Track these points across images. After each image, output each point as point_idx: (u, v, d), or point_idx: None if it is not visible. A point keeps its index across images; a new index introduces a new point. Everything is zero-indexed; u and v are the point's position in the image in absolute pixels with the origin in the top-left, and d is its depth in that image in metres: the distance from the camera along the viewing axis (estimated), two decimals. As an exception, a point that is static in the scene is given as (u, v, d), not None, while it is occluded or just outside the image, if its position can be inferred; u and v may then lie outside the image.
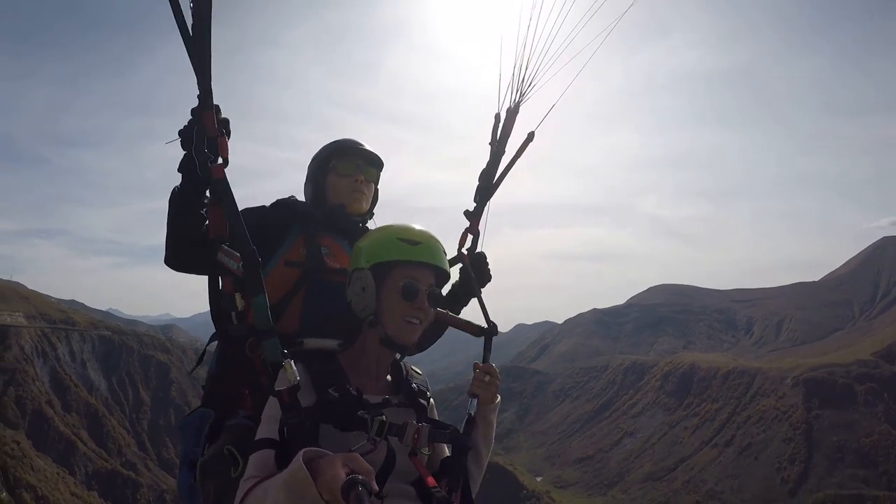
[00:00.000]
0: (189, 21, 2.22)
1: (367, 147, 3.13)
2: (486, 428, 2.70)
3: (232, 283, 2.42)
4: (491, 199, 3.26)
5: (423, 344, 2.89)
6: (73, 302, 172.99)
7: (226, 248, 2.37)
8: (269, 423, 2.14)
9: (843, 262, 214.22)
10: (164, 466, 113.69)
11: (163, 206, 2.59)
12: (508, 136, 3.20)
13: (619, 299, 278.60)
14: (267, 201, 3.00)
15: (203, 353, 3.11)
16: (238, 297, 2.40)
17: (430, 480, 2.21)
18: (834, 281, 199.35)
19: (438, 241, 2.46)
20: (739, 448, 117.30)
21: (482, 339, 2.97)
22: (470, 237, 3.25)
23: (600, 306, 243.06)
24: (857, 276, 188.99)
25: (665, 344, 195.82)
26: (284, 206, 3.01)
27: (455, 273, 3.16)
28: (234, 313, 2.43)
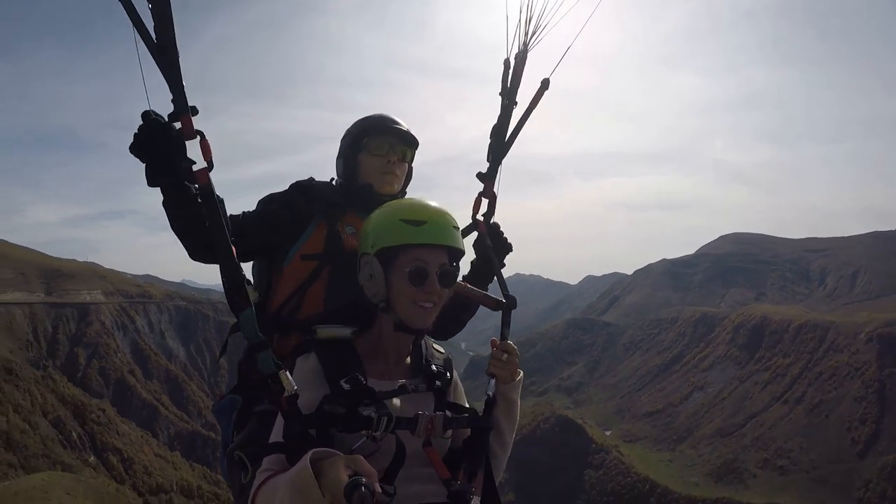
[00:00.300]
0: (151, 24, 2.06)
1: (402, 125, 3.03)
2: (508, 406, 2.58)
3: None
4: (505, 157, 2.98)
5: (450, 327, 2.94)
6: (147, 276, 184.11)
7: None
8: (277, 429, 2.13)
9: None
10: None
11: (223, 177, 2.42)
12: (518, 86, 2.90)
13: (689, 249, 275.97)
14: (326, 168, 3.09)
15: (226, 343, 3.23)
16: (251, 289, 2.33)
17: (444, 472, 2.19)
18: None
19: (446, 216, 2.30)
20: (810, 406, 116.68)
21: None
22: (485, 202, 2.99)
23: (670, 256, 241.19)
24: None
25: (736, 295, 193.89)
26: (304, 191, 2.94)
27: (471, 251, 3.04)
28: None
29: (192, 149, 2.20)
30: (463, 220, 2.63)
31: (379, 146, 2.96)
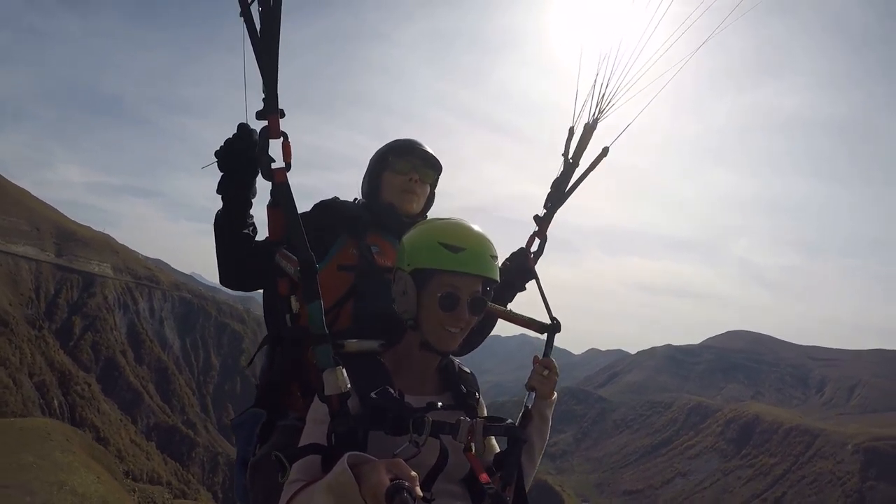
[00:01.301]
0: (258, 21, 2.18)
1: (426, 147, 3.08)
2: (542, 423, 2.63)
3: (288, 286, 2.47)
4: (560, 207, 3.28)
5: (472, 342, 2.83)
6: (158, 261, 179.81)
7: (284, 251, 2.40)
8: (315, 428, 2.12)
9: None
10: (223, 431, 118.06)
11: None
12: (584, 150, 3.20)
13: (695, 338, 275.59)
14: (355, 191, 3.14)
15: (256, 353, 3.13)
16: (293, 299, 2.46)
17: (484, 476, 2.15)
18: None
19: (485, 245, 2.26)
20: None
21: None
22: (537, 241, 3.28)
23: (675, 342, 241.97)
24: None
25: (734, 390, 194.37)
26: (329, 208, 2.96)
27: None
28: (288, 315, 2.50)
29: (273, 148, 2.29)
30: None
31: (402, 165, 3.02)
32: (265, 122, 2.27)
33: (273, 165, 2.28)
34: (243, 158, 2.45)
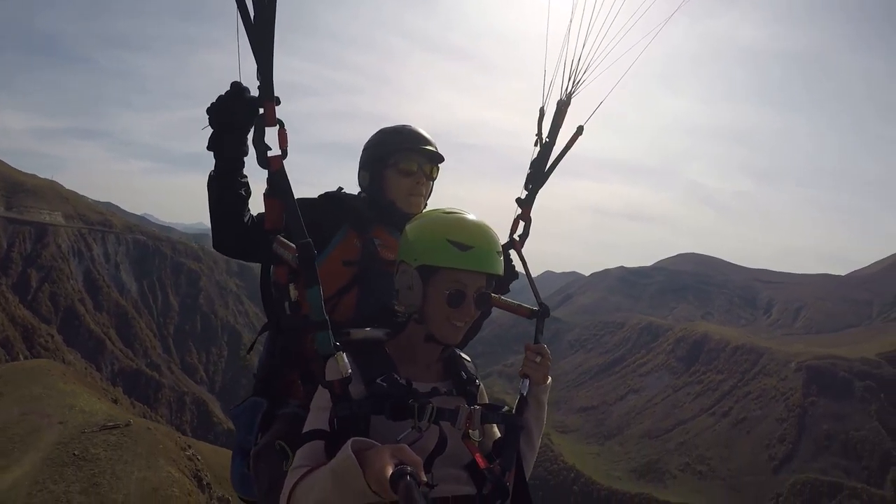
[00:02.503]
0: (251, 7, 2.11)
1: (431, 145, 3.05)
2: (538, 408, 2.67)
3: (287, 274, 2.47)
4: (541, 188, 3.24)
5: (468, 334, 2.78)
6: (108, 204, 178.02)
7: (281, 238, 2.42)
8: (318, 415, 2.13)
9: (873, 262, 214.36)
10: (187, 370, 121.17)
11: (205, 114, 2.47)
12: (559, 128, 3.17)
13: (648, 260, 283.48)
14: (312, 120, 3.73)
15: (255, 341, 3.19)
16: (292, 287, 2.44)
17: (482, 462, 2.22)
18: (859, 279, 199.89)
19: (492, 242, 2.29)
20: (735, 420, 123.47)
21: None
22: (521, 224, 3.24)
23: (628, 265, 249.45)
24: (883, 278, 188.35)
25: (684, 311, 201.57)
26: (334, 200, 2.96)
27: None
28: (287, 303, 2.49)
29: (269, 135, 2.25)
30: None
31: (407, 166, 2.99)
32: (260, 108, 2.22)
33: (269, 153, 2.25)
34: (236, 115, 2.38)
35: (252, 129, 2.29)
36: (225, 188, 2.57)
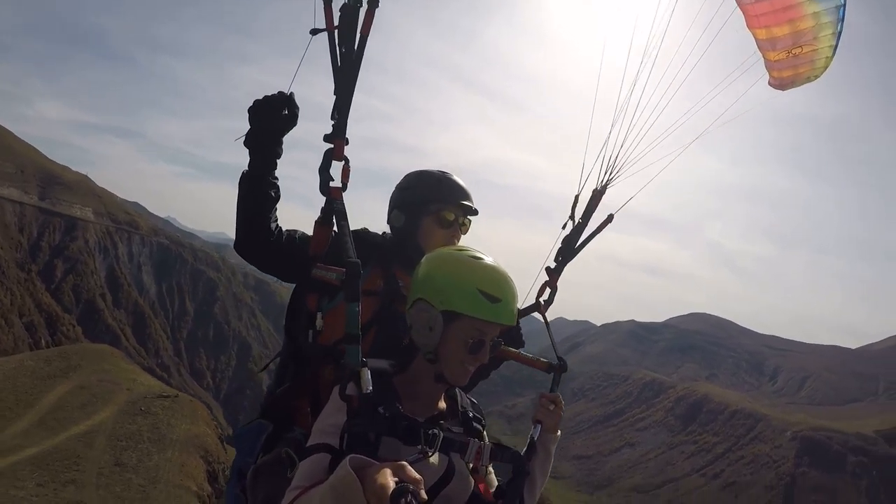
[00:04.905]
0: (339, 53, 2.30)
1: (471, 200, 3.09)
2: (545, 457, 2.69)
3: (316, 302, 2.55)
4: (570, 262, 3.37)
5: (476, 380, 2.91)
6: (136, 204, 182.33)
7: (321, 263, 2.49)
8: (324, 435, 2.09)
9: (885, 338, 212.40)
10: (195, 374, 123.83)
11: (239, 126, 2.58)
12: (593, 213, 3.34)
13: (660, 316, 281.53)
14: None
15: (269, 362, 3.19)
16: (319, 316, 2.49)
17: (489, 496, 2.23)
18: (870, 353, 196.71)
19: (516, 295, 2.33)
20: (724, 483, 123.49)
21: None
22: (548, 291, 3.33)
23: (640, 318, 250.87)
24: (894, 354, 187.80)
25: (689, 370, 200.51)
26: (359, 238, 2.86)
27: None
28: (311, 331, 2.54)
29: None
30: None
31: (447, 217, 3.01)
32: (330, 145, 2.39)
33: (331, 184, 2.41)
34: (276, 117, 2.54)
35: (285, 133, 2.58)
36: (256, 187, 2.64)
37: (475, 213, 3.13)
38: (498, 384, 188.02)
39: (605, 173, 3.41)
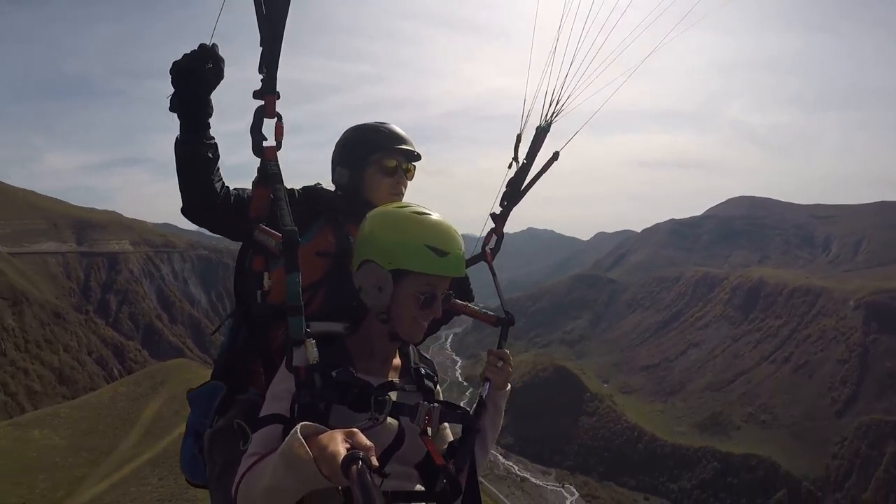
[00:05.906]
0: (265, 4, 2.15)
1: (409, 144, 3.04)
2: (495, 413, 2.72)
3: (262, 262, 2.56)
4: (516, 206, 3.30)
5: (431, 330, 2.85)
6: (166, 225, 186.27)
7: (263, 226, 2.47)
8: (277, 400, 2.13)
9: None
10: None
11: (240, 127, 2.44)
12: (538, 152, 3.22)
13: (698, 209, 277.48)
14: (343, 117, 4.12)
15: (220, 324, 3.11)
16: (266, 276, 2.52)
17: (439, 459, 2.22)
18: None
19: (462, 246, 2.33)
20: (796, 366, 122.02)
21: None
22: (494, 237, 3.30)
23: (678, 216, 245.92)
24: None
25: (739, 257, 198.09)
26: (313, 194, 2.99)
27: None
28: (259, 292, 2.58)
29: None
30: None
31: (389, 166, 2.98)
32: (261, 101, 2.29)
33: (264, 143, 2.35)
34: (199, 74, 2.40)
35: (212, 89, 2.45)
36: (191, 151, 2.54)
37: (417, 157, 3.11)
38: (551, 312, 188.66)
39: (550, 105, 3.21)
